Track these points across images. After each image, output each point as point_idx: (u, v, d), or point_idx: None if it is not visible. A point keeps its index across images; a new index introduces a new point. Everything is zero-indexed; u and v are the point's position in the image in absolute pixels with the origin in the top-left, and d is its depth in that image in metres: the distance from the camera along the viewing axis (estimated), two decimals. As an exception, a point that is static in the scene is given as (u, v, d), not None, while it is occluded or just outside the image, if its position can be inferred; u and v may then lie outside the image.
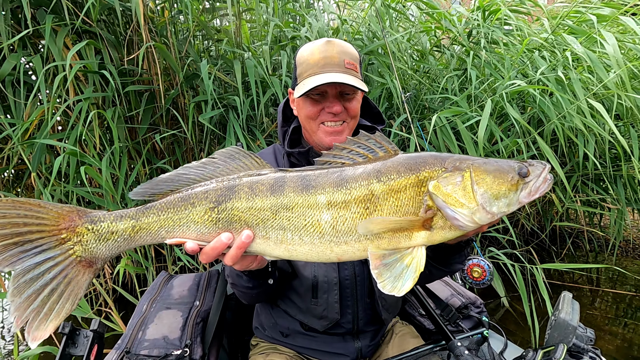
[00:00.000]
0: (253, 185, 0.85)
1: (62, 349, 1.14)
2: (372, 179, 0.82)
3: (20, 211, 0.78)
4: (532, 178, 0.85)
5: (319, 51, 1.24)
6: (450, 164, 0.84)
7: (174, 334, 1.28)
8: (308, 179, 0.85)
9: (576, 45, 2.63)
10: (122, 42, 2.61)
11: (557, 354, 1.11)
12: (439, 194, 0.81)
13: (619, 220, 3.49)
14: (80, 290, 0.82)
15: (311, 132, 1.31)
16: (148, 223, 0.86)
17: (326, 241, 0.84)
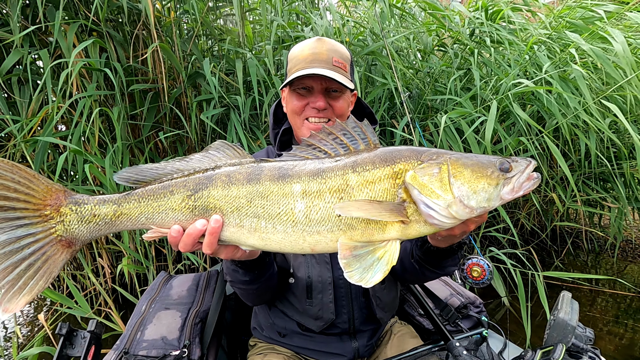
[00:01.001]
0: (231, 174, 0.86)
1: (60, 350, 1.14)
2: (347, 169, 0.83)
3: (15, 176, 0.79)
4: (514, 173, 0.83)
5: (309, 48, 1.26)
6: (426, 157, 0.84)
7: (172, 334, 1.28)
8: (285, 168, 0.85)
9: (581, 42, 2.62)
10: (128, 41, 2.62)
11: (555, 354, 1.11)
12: (415, 184, 0.80)
13: (619, 219, 3.48)
14: (55, 269, 0.84)
15: (296, 127, 1.33)
16: (129, 209, 0.87)
17: (299, 230, 0.84)
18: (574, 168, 3.30)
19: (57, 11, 2.17)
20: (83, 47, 2.16)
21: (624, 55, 2.43)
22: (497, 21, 3.20)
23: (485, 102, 2.95)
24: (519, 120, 2.82)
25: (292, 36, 3.13)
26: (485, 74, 3.26)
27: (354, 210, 0.80)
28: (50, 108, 2.22)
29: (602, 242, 4.32)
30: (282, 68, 2.90)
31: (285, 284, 1.32)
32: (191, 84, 2.86)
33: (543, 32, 3.16)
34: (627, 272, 3.79)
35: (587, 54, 2.71)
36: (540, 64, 2.86)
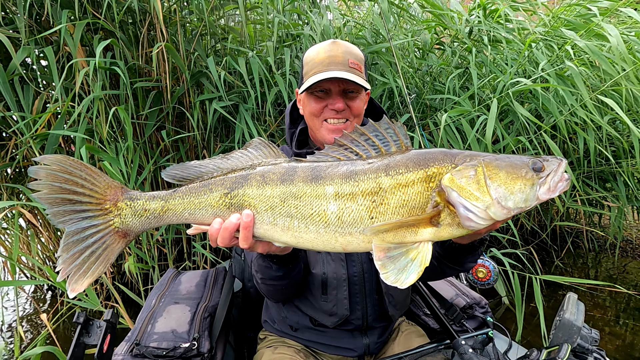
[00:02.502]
0: (265, 174, 0.90)
1: (77, 338, 1.16)
2: (380, 173, 0.84)
3: (83, 173, 0.90)
4: (548, 173, 0.83)
5: (324, 51, 1.28)
6: (460, 160, 0.84)
7: (182, 327, 1.30)
8: (318, 169, 0.87)
9: (577, 40, 2.63)
10: (132, 40, 2.64)
11: (561, 354, 1.12)
12: (454, 186, 0.80)
13: (619, 218, 3.50)
14: (112, 255, 0.94)
15: (315, 129, 1.35)
16: (174, 205, 0.95)
17: (331, 231, 0.86)
18: (573, 167, 3.32)
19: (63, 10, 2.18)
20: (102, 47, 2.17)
21: (617, 49, 2.45)
22: (495, 20, 3.21)
23: (484, 100, 2.97)
24: (517, 118, 2.84)
25: (292, 34, 3.15)
26: (482, 74, 3.28)
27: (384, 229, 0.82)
28: (61, 106, 2.23)
29: (602, 242, 4.34)
30: (284, 66, 2.91)
31: (304, 279, 1.34)
32: (194, 83, 2.88)
33: (541, 30, 3.19)
34: (627, 272, 3.81)
35: (582, 51, 2.72)
36: (538, 62, 2.88)
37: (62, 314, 2.69)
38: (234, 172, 0.94)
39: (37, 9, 2.38)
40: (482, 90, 3.05)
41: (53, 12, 2.29)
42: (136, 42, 2.68)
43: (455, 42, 3.48)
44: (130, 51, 2.62)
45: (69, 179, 0.88)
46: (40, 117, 2.28)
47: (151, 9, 2.45)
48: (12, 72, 2.27)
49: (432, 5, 3.40)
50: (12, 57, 2.16)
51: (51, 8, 2.28)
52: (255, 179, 0.90)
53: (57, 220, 0.88)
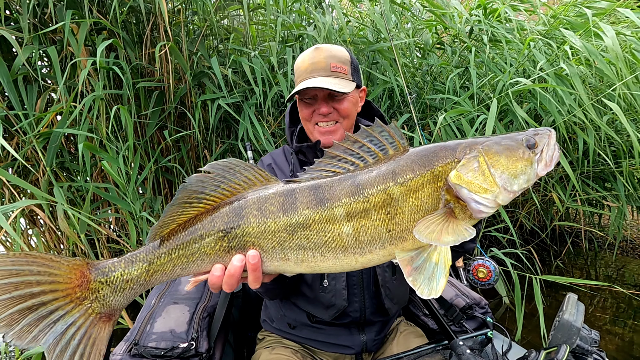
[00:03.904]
0: (262, 206, 0.80)
1: None
2: (388, 182, 0.79)
3: (33, 267, 0.73)
4: (542, 148, 0.84)
5: (308, 58, 1.34)
6: (461, 153, 0.83)
7: (180, 327, 1.31)
8: (320, 191, 0.80)
9: (574, 39, 2.63)
10: (135, 40, 2.64)
11: (559, 355, 1.12)
12: (462, 183, 0.79)
13: (618, 218, 3.50)
14: (103, 345, 0.81)
15: (309, 132, 1.42)
16: (161, 264, 0.83)
17: (350, 254, 0.80)
18: (573, 167, 3.32)
19: (67, 11, 2.19)
20: (103, 47, 2.18)
21: (613, 50, 2.45)
22: (495, 19, 3.21)
23: (484, 100, 2.97)
24: (516, 118, 2.84)
25: (294, 34, 3.15)
26: (482, 73, 3.28)
27: (438, 236, 0.77)
28: (64, 105, 2.23)
29: (602, 242, 4.34)
30: (285, 66, 2.92)
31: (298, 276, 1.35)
32: (196, 83, 2.88)
33: (540, 29, 3.18)
34: (627, 271, 3.81)
35: (580, 51, 2.72)
36: (537, 62, 2.88)
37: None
38: (221, 208, 0.82)
39: (42, 9, 2.38)
40: (481, 90, 3.05)
41: (57, 11, 2.30)
42: (139, 42, 2.69)
43: (456, 42, 3.47)
44: (133, 51, 2.63)
45: (19, 283, 0.71)
46: (45, 116, 2.28)
47: (156, 9, 2.47)
48: (15, 72, 2.27)
49: (432, 5, 3.40)
50: (19, 54, 2.17)
51: (55, 8, 2.28)
52: (252, 214, 0.80)
53: (27, 341, 0.72)
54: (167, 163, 2.88)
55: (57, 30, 2.41)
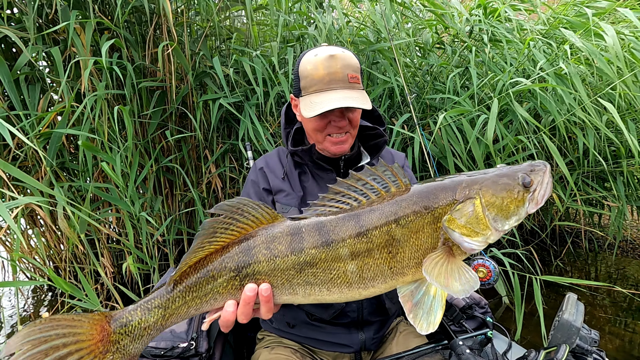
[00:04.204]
0: (270, 246, 0.84)
1: None
2: (391, 224, 0.83)
3: (59, 330, 0.77)
4: (536, 186, 0.86)
5: (323, 66, 1.27)
6: (460, 194, 0.85)
7: (180, 327, 1.31)
8: (326, 230, 0.84)
9: (574, 39, 2.63)
10: (139, 40, 2.65)
11: (559, 355, 1.13)
12: (454, 227, 0.83)
13: (618, 218, 3.50)
14: None
15: (317, 142, 1.38)
16: (176, 307, 0.86)
17: (354, 289, 0.85)
18: (573, 167, 3.31)
19: (72, 11, 2.19)
20: (107, 47, 2.18)
21: (614, 49, 2.44)
22: (495, 19, 3.21)
23: (484, 100, 2.96)
24: (516, 117, 2.85)
25: (295, 35, 3.15)
26: (482, 73, 3.28)
27: (446, 282, 0.81)
28: (67, 104, 2.23)
29: (602, 242, 4.34)
30: (286, 65, 2.92)
31: None
32: (197, 83, 2.89)
33: (539, 29, 3.18)
34: (627, 271, 3.81)
35: (579, 51, 2.72)
36: (537, 61, 2.88)
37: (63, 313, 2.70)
38: (231, 248, 0.85)
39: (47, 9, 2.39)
40: (481, 90, 3.05)
41: (62, 12, 2.30)
42: (142, 42, 2.69)
43: (456, 41, 3.48)
44: (136, 51, 2.64)
45: (48, 349, 0.75)
46: (45, 116, 2.29)
47: (159, 9, 2.47)
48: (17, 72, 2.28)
49: (433, 5, 3.40)
50: (24, 53, 2.18)
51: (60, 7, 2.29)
52: (261, 253, 0.84)
53: None
54: (168, 163, 2.88)
55: (58, 30, 2.42)
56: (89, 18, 2.29)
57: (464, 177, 0.90)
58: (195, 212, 3.03)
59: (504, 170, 0.90)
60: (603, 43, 2.75)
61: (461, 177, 0.89)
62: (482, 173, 0.89)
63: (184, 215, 3.17)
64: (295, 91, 1.37)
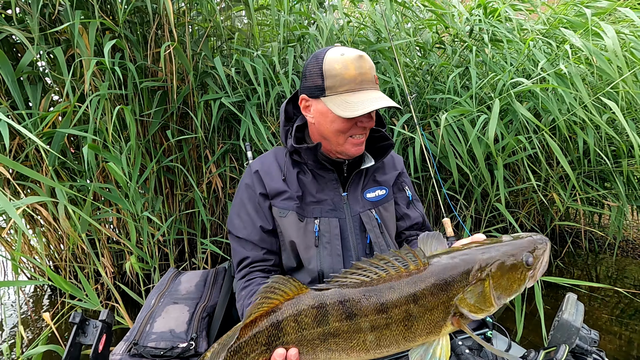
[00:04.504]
0: (298, 319, 0.91)
1: (73, 338, 1.17)
2: (410, 304, 0.90)
3: None
4: (537, 265, 0.94)
5: (354, 66, 1.24)
6: (473, 277, 0.92)
7: (180, 327, 1.31)
8: (349, 306, 0.91)
9: (574, 39, 2.63)
10: (140, 41, 2.66)
11: (558, 355, 1.13)
12: (464, 306, 0.91)
13: (619, 217, 3.49)
14: None
15: (337, 144, 1.33)
16: None
17: (371, 353, 0.93)
18: (573, 167, 3.31)
19: (76, 11, 2.20)
20: (109, 47, 2.18)
21: (614, 50, 2.44)
22: (495, 19, 3.21)
23: (484, 100, 2.96)
24: (516, 117, 2.84)
25: (296, 35, 3.15)
26: (482, 73, 3.28)
27: None
28: (71, 103, 2.24)
29: (602, 242, 4.34)
30: (286, 65, 2.91)
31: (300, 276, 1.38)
32: (199, 83, 2.89)
33: (539, 28, 3.18)
34: (627, 271, 3.81)
35: (580, 50, 2.71)
36: (537, 61, 2.87)
37: (64, 314, 2.70)
38: (260, 323, 0.93)
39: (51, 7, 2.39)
40: (481, 90, 3.05)
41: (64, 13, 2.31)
42: (144, 43, 2.70)
43: (456, 41, 3.48)
44: (138, 52, 2.64)
45: None
46: (48, 115, 2.29)
47: (161, 10, 2.48)
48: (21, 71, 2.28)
49: (433, 5, 3.40)
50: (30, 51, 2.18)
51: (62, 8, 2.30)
52: (290, 326, 0.91)
53: None
54: (169, 163, 2.89)
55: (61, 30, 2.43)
56: (91, 18, 2.29)
57: (478, 255, 0.94)
58: (196, 212, 3.04)
59: (510, 249, 0.95)
60: (602, 42, 2.75)
61: (475, 256, 0.94)
62: (492, 250, 0.95)
63: (184, 215, 3.18)
64: (313, 91, 1.30)
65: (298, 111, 1.48)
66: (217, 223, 3.43)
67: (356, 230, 1.39)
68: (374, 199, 1.45)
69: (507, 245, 0.96)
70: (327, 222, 1.36)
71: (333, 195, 1.40)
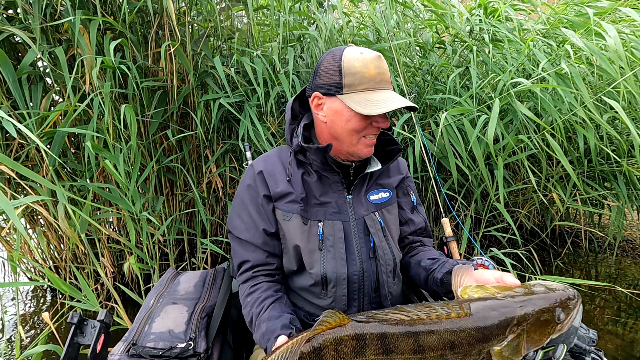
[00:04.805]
0: (337, 347, 0.92)
1: (71, 338, 1.17)
2: (447, 349, 0.91)
3: None
4: (566, 320, 0.95)
5: (374, 66, 1.23)
6: (510, 331, 0.92)
7: (179, 327, 1.31)
8: (387, 342, 0.91)
9: (575, 39, 2.63)
10: (141, 40, 2.67)
11: (556, 354, 1.13)
12: (498, 356, 0.92)
13: (619, 217, 3.49)
14: None
15: (350, 144, 1.30)
16: None
17: None
18: (573, 166, 3.31)
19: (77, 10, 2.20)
20: (114, 46, 2.19)
21: (615, 49, 2.43)
22: (496, 19, 3.20)
23: (484, 100, 2.96)
24: (516, 117, 2.84)
25: (295, 35, 3.16)
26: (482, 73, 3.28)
27: None
28: (73, 102, 2.24)
29: (602, 242, 4.34)
30: (286, 65, 2.91)
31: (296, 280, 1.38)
32: (199, 83, 2.89)
33: (539, 28, 3.17)
34: (627, 271, 3.80)
35: (581, 50, 2.71)
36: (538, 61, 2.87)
37: (63, 314, 2.71)
38: (301, 350, 0.93)
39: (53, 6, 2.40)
40: (482, 90, 3.05)
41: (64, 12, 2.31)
42: (144, 42, 2.70)
43: (456, 41, 3.48)
44: (139, 52, 2.65)
45: None
46: (50, 114, 2.29)
47: (162, 10, 2.49)
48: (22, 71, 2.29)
49: (433, 5, 3.40)
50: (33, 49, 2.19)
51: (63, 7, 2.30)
52: (329, 354, 0.92)
53: None
54: (170, 163, 2.89)
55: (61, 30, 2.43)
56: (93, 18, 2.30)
57: (516, 309, 0.95)
58: (196, 212, 3.04)
59: (545, 304, 0.96)
60: (602, 42, 2.75)
61: (513, 310, 0.95)
62: (530, 305, 0.95)
63: (184, 215, 3.18)
64: (329, 89, 1.27)
65: (304, 109, 1.45)
66: (217, 223, 3.43)
67: (360, 234, 1.37)
68: (377, 201, 1.43)
69: (543, 299, 0.97)
70: (331, 225, 1.34)
71: (337, 198, 1.38)
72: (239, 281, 1.40)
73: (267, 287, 1.33)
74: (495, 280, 1.07)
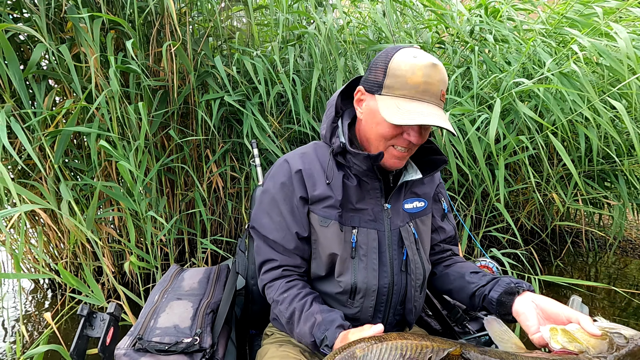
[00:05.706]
0: None
1: (80, 330, 1.17)
2: None
3: None
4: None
5: (422, 73, 1.12)
6: None
7: (184, 323, 1.30)
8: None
9: (581, 40, 2.63)
10: (142, 40, 2.67)
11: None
12: None
13: (620, 217, 3.50)
14: None
15: (376, 149, 1.24)
16: None
17: None
18: (574, 166, 3.32)
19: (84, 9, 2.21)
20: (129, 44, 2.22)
21: (626, 52, 2.42)
22: (497, 19, 3.21)
23: (485, 100, 2.97)
24: (518, 117, 2.85)
25: (295, 34, 3.17)
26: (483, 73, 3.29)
27: None
28: (81, 100, 2.24)
29: (602, 242, 4.35)
30: (287, 65, 2.91)
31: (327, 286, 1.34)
32: (199, 83, 2.90)
33: (541, 28, 3.18)
34: (627, 271, 3.82)
35: (587, 50, 2.71)
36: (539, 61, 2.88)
37: (64, 314, 2.70)
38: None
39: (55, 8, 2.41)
40: (482, 90, 3.06)
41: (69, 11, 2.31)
42: (146, 43, 2.71)
43: (456, 41, 3.49)
44: (141, 51, 2.66)
45: None
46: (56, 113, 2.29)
47: (163, 10, 2.50)
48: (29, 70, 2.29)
49: (433, 5, 3.41)
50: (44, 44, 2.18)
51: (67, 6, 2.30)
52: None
53: None
54: (171, 163, 2.89)
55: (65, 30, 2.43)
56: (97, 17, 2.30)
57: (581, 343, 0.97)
58: (196, 212, 3.04)
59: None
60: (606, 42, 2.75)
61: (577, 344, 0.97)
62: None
63: (184, 214, 3.18)
64: (372, 86, 1.20)
65: (345, 105, 1.37)
66: (217, 222, 3.43)
67: (394, 245, 1.31)
68: (412, 210, 1.36)
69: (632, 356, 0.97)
70: (365, 233, 1.28)
71: (374, 205, 1.30)
72: (265, 279, 1.34)
73: (303, 285, 1.30)
74: (567, 319, 1.06)
